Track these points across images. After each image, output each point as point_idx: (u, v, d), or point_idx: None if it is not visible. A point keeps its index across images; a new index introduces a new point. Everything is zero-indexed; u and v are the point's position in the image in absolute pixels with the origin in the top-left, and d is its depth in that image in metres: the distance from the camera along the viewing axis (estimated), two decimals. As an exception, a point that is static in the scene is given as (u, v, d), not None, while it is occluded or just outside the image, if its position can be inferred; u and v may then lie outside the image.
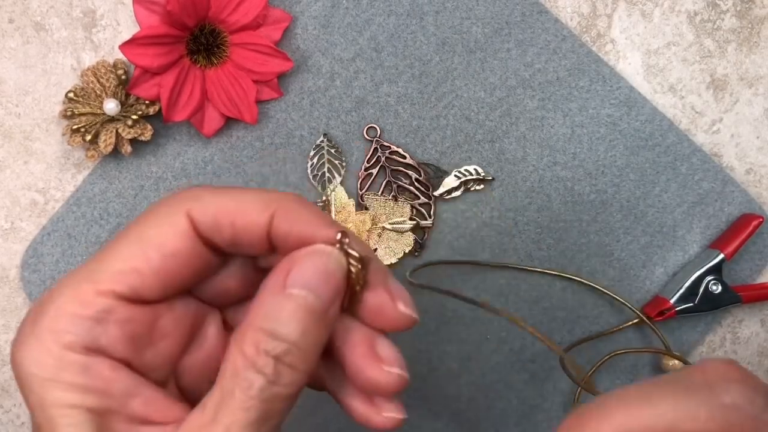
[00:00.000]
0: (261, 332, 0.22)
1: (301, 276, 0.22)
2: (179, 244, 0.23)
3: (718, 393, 0.20)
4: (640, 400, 0.21)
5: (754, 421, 0.20)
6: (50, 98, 0.43)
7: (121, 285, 0.23)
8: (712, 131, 0.45)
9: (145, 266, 0.23)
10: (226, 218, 0.23)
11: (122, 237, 0.24)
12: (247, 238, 0.24)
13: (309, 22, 0.43)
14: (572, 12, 0.44)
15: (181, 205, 0.24)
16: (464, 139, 0.44)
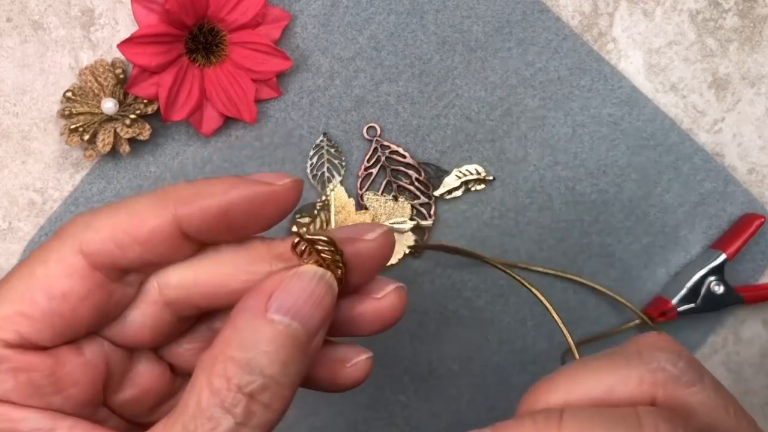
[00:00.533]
0: (233, 363, 0.19)
1: (287, 301, 0.20)
2: (69, 283, 0.21)
3: (647, 359, 0.22)
4: (583, 371, 0.22)
5: (676, 381, 0.22)
6: (48, 97, 0.43)
7: (8, 332, 0.21)
8: (714, 131, 0.45)
9: (32, 310, 0.21)
10: (125, 236, 0.21)
11: (11, 276, 0.22)
12: (158, 248, 0.22)
13: (308, 20, 0.43)
14: (573, 11, 0.44)
15: (69, 238, 0.21)
16: (465, 138, 0.44)
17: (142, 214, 0.21)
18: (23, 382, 0.21)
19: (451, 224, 0.44)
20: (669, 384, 0.22)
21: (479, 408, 0.45)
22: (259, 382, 0.19)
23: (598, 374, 0.22)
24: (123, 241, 0.21)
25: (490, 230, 0.44)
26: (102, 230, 0.21)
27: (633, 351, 0.23)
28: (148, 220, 0.21)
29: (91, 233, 0.21)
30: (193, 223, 0.21)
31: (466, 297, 0.44)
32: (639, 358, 0.22)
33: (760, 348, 0.46)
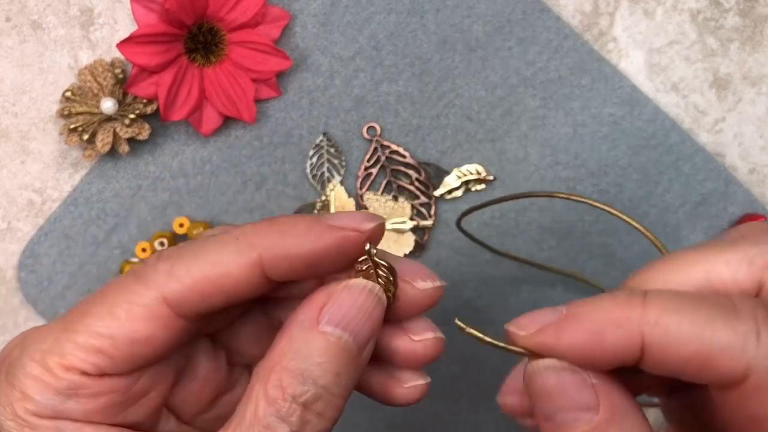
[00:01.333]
0: (288, 373, 0.20)
1: (338, 313, 0.21)
2: (152, 329, 0.22)
3: (754, 241, 0.21)
4: (681, 258, 0.21)
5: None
6: (47, 97, 0.43)
7: (87, 364, 0.22)
8: (715, 131, 0.45)
9: (112, 351, 0.22)
10: (210, 287, 0.22)
11: (95, 305, 0.22)
12: (242, 295, 0.22)
13: (308, 20, 0.43)
14: (574, 10, 0.44)
15: (152, 285, 0.22)
16: (465, 138, 0.43)
17: (227, 264, 0.22)
18: (101, 404, 0.22)
19: (451, 224, 0.44)
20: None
21: (479, 408, 0.44)
22: (312, 392, 0.20)
23: (700, 259, 0.21)
24: (207, 292, 0.22)
25: (490, 230, 0.44)
26: (185, 280, 0.22)
27: (737, 236, 0.22)
28: (233, 271, 0.22)
29: (175, 283, 0.22)
30: (279, 272, 0.22)
31: (466, 297, 0.44)
32: (744, 241, 0.21)
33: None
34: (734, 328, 0.18)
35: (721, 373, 0.19)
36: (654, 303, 0.19)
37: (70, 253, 0.43)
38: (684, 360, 0.19)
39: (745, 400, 0.19)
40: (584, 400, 0.20)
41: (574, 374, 0.20)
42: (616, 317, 0.19)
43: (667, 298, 0.20)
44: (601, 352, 0.20)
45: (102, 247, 0.43)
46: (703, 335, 0.19)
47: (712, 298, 0.20)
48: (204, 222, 0.43)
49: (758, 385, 0.18)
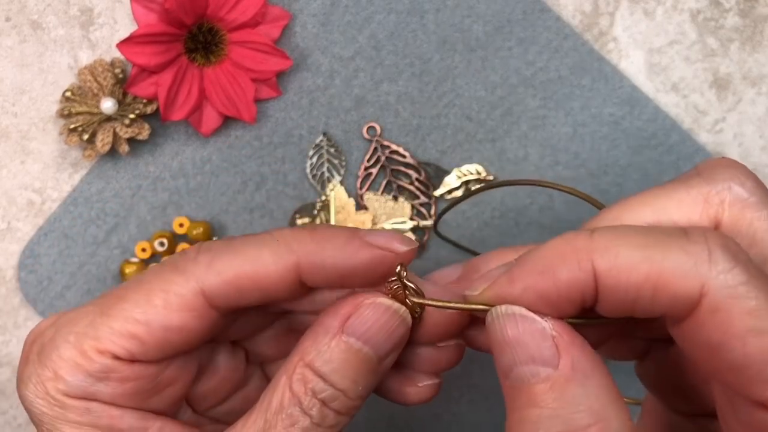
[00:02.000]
0: (311, 370, 0.22)
1: (361, 327, 0.22)
2: (187, 319, 0.22)
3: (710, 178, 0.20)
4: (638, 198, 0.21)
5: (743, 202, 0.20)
6: (47, 97, 0.43)
7: (120, 349, 0.22)
8: (716, 131, 0.45)
9: (146, 336, 0.22)
10: (248, 283, 0.22)
11: (132, 290, 0.23)
12: (276, 296, 0.23)
13: (308, 20, 0.43)
14: (574, 10, 0.44)
15: (192, 277, 0.22)
16: (465, 138, 0.43)
17: (266, 262, 0.22)
18: (129, 389, 0.23)
19: (451, 224, 0.44)
20: (736, 204, 0.20)
21: (479, 408, 0.44)
22: (330, 392, 0.21)
23: (650, 201, 0.21)
24: (244, 287, 0.22)
25: (491, 230, 0.44)
26: (224, 274, 0.22)
27: (693, 173, 0.21)
28: (271, 270, 0.22)
29: (213, 276, 0.22)
30: (314, 278, 0.22)
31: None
32: (700, 178, 0.21)
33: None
34: (685, 249, 0.18)
35: (674, 296, 0.18)
36: (602, 234, 0.19)
37: (69, 253, 0.43)
38: (637, 286, 0.18)
39: (701, 326, 0.18)
40: (543, 353, 0.19)
41: (533, 323, 0.19)
42: (566, 251, 0.19)
43: (615, 229, 0.19)
44: (555, 290, 0.19)
45: (102, 247, 0.43)
46: (654, 257, 0.18)
47: (661, 227, 0.19)
48: (204, 222, 0.43)
49: (713, 307, 0.18)
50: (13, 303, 0.44)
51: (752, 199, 0.20)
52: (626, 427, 0.18)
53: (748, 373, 0.17)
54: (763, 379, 0.17)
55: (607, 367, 0.19)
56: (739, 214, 0.20)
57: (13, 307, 0.44)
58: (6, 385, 0.44)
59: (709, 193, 0.20)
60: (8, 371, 0.44)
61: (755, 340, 0.17)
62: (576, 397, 0.18)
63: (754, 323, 0.17)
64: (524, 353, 0.19)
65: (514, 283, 0.20)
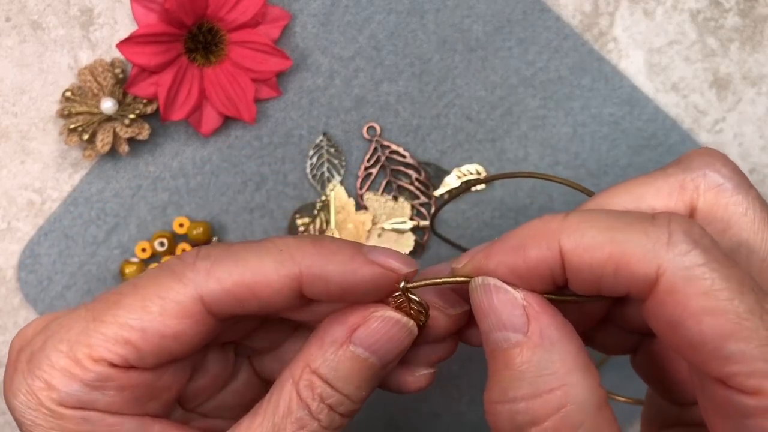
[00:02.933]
0: (318, 377, 0.22)
1: (369, 339, 0.22)
2: (184, 326, 0.22)
3: (687, 166, 0.22)
4: (620, 186, 0.22)
5: (718, 187, 0.21)
6: (47, 97, 0.43)
7: (116, 356, 0.22)
8: (715, 131, 0.45)
9: (141, 343, 0.22)
10: (247, 293, 0.22)
11: (127, 296, 0.22)
12: (275, 306, 0.23)
13: (308, 20, 0.43)
14: (574, 10, 0.44)
15: (190, 284, 0.22)
16: (465, 138, 0.43)
17: (267, 273, 0.22)
18: (126, 396, 0.22)
19: (452, 224, 0.44)
20: (711, 190, 0.21)
21: (479, 408, 0.44)
22: (336, 397, 0.22)
23: (630, 190, 0.22)
24: (244, 297, 0.22)
25: (491, 230, 0.44)
26: (224, 282, 0.22)
27: (673, 163, 0.22)
28: (272, 281, 0.22)
29: (213, 284, 0.22)
30: (315, 291, 0.22)
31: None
32: (677, 167, 0.22)
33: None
34: (646, 232, 0.19)
35: (633, 276, 0.19)
36: (573, 216, 0.20)
37: (69, 253, 0.43)
38: (600, 265, 0.19)
39: (661, 305, 0.19)
40: (514, 320, 0.20)
41: (505, 293, 0.21)
42: (538, 231, 0.21)
43: (587, 212, 0.21)
44: (525, 266, 0.20)
45: (102, 247, 0.43)
46: (616, 238, 0.19)
47: (630, 211, 0.20)
48: (204, 222, 0.43)
49: (669, 288, 0.18)
50: (13, 303, 0.44)
51: (727, 185, 0.21)
52: (591, 392, 0.20)
53: (705, 351, 0.18)
54: (718, 357, 0.18)
55: (577, 336, 0.21)
56: (714, 200, 0.21)
57: (13, 307, 0.44)
58: (6, 385, 0.44)
59: (684, 180, 0.21)
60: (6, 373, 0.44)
61: (709, 320, 0.18)
62: (542, 362, 0.20)
63: (708, 303, 0.18)
64: (497, 320, 0.21)
65: (489, 258, 0.21)
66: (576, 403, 0.19)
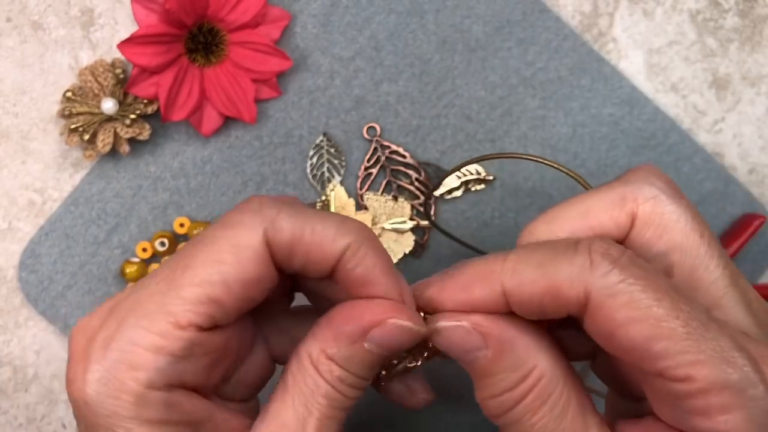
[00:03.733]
0: (334, 363, 0.24)
1: (383, 340, 0.24)
2: (258, 270, 0.23)
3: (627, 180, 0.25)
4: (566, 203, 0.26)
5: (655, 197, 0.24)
6: (48, 97, 0.43)
7: (202, 317, 0.22)
8: (715, 131, 0.45)
9: (225, 297, 0.22)
10: (302, 247, 0.23)
11: (196, 256, 0.23)
12: (315, 268, 0.24)
13: (308, 20, 0.43)
14: (573, 10, 0.44)
15: (259, 227, 0.23)
16: (465, 138, 0.44)
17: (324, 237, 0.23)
18: (209, 362, 0.23)
19: (451, 224, 0.44)
20: (648, 201, 0.24)
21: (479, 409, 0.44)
22: (352, 379, 0.24)
23: (579, 203, 0.25)
24: (296, 251, 0.23)
25: (490, 230, 0.44)
26: (285, 233, 0.23)
27: (619, 178, 0.26)
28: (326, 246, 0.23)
29: (276, 231, 0.23)
30: (340, 275, 0.25)
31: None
32: (620, 181, 0.25)
33: (760, 348, 0.46)
34: (571, 261, 0.22)
35: (568, 301, 0.22)
36: (512, 256, 0.23)
37: (70, 252, 0.43)
38: (538, 296, 0.22)
39: (594, 322, 0.22)
40: (473, 343, 0.23)
41: (456, 328, 0.24)
42: (481, 272, 0.23)
43: (523, 249, 0.23)
44: (472, 303, 0.23)
45: (102, 247, 0.43)
46: (547, 271, 0.22)
47: (560, 242, 0.23)
48: (205, 222, 0.43)
49: (597, 305, 0.21)
50: (14, 303, 0.44)
51: (662, 196, 0.25)
52: (556, 364, 0.23)
53: (637, 353, 0.21)
54: (649, 356, 0.21)
55: (532, 324, 0.24)
56: (651, 209, 0.24)
57: (14, 307, 0.44)
58: (6, 384, 0.44)
59: (625, 193, 0.25)
60: (9, 371, 0.44)
61: (634, 327, 0.21)
62: (511, 360, 0.23)
63: (631, 313, 0.21)
64: (460, 349, 0.24)
65: (441, 293, 0.24)
66: (546, 376, 0.23)
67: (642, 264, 0.22)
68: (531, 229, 0.26)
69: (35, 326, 0.44)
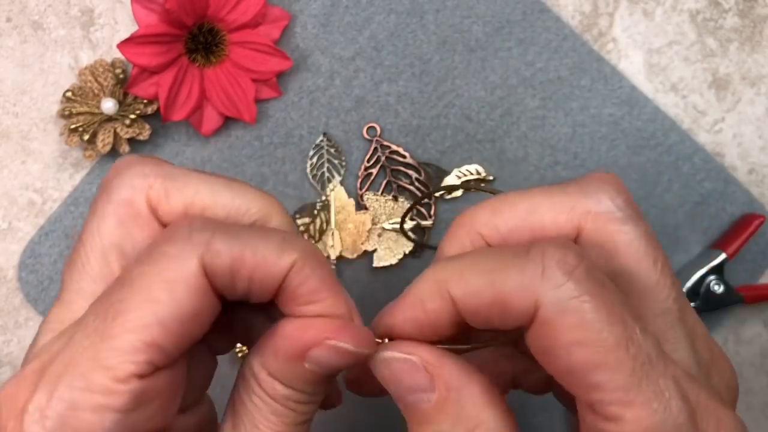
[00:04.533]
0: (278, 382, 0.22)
1: (323, 360, 0.22)
2: (197, 303, 0.21)
3: (583, 188, 0.22)
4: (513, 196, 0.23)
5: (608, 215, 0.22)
6: (48, 97, 0.43)
7: (142, 366, 0.20)
8: (715, 131, 0.45)
9: (163, 339, 0.20)
10: (244, 270, 0.21)
11: (127, 299, 0.20)
12: (260, 291, 0.22)
13: (308, 20, 0.43)
14: (573, 10, 0.44)
15: (191, 256, 0.21)
16: (465, 138, 0.44)
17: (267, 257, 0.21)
18: (158, 406, 0.21)
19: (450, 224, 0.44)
20: (601, 216, 0.22)
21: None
22: (298, 396, 0.23)
23: (526, 200, 0.23)
24: (239, 275, 0.21)
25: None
26: (224, 257, 0.21)
27: (573, 182, 0.23)
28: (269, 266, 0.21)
29: (213, 256, 0.21)
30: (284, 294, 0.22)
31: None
32: (574, 187, 0.23)
33: (760, 348, 0.46)
34: (522, 269, 0.20)
35: (516, 313, 0.20)
36: (457, 263, 0.21)
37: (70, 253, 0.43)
38: (486, 307, 0.20)
39: (538, 336, 0.20)
40: (419, 383, 0.22)
41: (404, 362, 0.22)
42: (429, 284, 0.22)
43: (469, 256, 0.22)
44: (426, 318, 0.22)
45: (102, 247, 0.43)
46: (496, 280, 0.20)
47: (509, 247, 0.21)
48: (204, 222, 0.43)
49: (544, 320, 0.19)
50: (14, 303, 0.44)
51: (618, 214, 0.22)
52: (502, 421, 0.21)
53: (574, 378, 0.19)
54: (585, 384, 0.19)
55: (481, 375, 0.22)
56: (603, 227, 0.22)
57: (14, 307, 0.44)
58: (7, 384, 0.44)
59: (578, 201, 0.22)
60: (9, 371, 0.44)
61: (578, 350, 0.19)
62: (456, 410, 0.21)
63: (578, 335, 0.19)
64: (403, 387, 0.22)
65: (394, 317, 0.23)
66: None
67: (599, 278, 0.20)
68: (472, 213, 0.24)
69: (35, 326, 0.44)
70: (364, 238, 0.43)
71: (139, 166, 0.23)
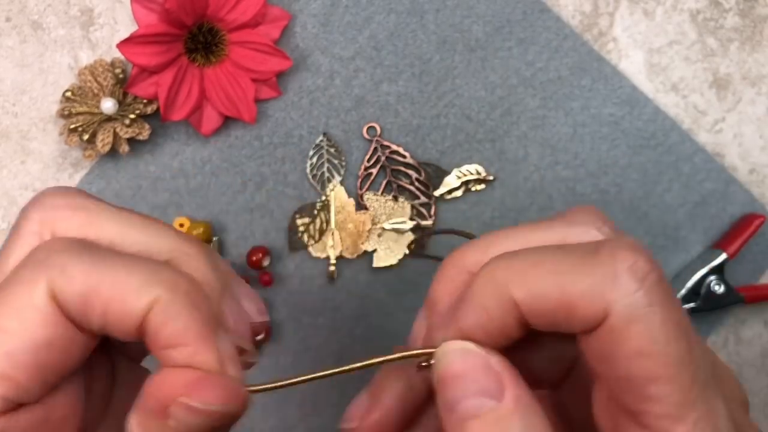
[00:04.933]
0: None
1: (183, 418, 0.20)
2: (51, 333, 0.19)
3: (570, 221, 0.22)
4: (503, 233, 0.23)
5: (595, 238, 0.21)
6: (47, 97, 0.43)
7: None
8: (715, 131, 0.45)
9: (16, 372, 0.18)
10: (98, 302, 0.19)
11: None
12: (117, 328, 0.19)
13: (308, 20, 0.43)
14: (574, 10, 0.44)
15: (40, 281, 0.19)
16: (465, 138, 0.43)
17: (125, 288, 0.19)
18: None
19: (452, 224, 0.44)
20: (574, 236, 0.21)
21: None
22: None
23: (519, 235, 0.22)
24: (91, 306, 0.19)
25: (490, 230, 0.44)
26: (76, 282, 0.19)
27: (560, 216, 0.23)
28: (128, 300, 0.19)
29: (65, 280, 0.19)
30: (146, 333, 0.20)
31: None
32: (561, 221, 0.22)
33: (761, 348, 0.46)
34: (592, 274, 0.19)
35: (583, 318, 0.19)
36: (518, 261, 0.20)
37: (70, 253, 0.43)
38: (552, 310, 0.19)
39: (601, 342, 0.19)
40: (489, 386, 0.20)
41: (479, 357, 0.20)
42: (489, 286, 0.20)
43: (531, 253, 0.20)
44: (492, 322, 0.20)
45: (102, 247, 0.43)
46: (563, 283, 0.19)
47: (574, 246, 0.20)
48: (204, 222, 0.43)
49: (612, 327, 0.19)
50: (14, 303, 0.44)
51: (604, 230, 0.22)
52: None
53: (630, 387, 0.19)
54: (641, 395, 0.19)
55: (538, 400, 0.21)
56: None
57: (14, 307, 0.44)
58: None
59: (566, 236, 0.21)
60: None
61: (641, 361, 0.19)
62: (519, 429, 0.19)
63: (643, 345, 0.19)
64: (472, 386, 0.20)
65: (463, 321, 0.21)
66: None
67: (667, 288, 0.19)
68: (462, 253, 0.23)
69: None
70: (364, 238, 0.43)
71: (51, 198, 0.21)
